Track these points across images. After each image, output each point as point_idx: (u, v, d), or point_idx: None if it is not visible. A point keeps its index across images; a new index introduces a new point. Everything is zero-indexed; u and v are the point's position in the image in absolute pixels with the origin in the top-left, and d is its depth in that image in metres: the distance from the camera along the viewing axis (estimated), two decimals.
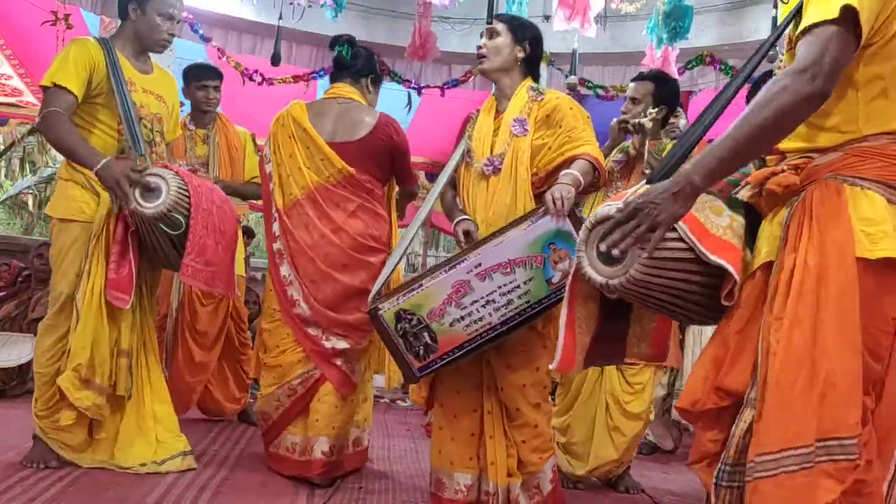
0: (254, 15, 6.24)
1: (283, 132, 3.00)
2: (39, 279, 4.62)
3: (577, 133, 2.47)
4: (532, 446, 2.47)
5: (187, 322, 3.75)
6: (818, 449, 1.37)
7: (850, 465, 1.36)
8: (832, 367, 1.39)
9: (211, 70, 3.96)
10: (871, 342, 1.43)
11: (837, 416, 1.38)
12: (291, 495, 2.67)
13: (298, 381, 2.91)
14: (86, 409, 2.68)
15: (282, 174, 2.98)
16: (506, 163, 2.50)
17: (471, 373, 2.51)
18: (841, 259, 1.43)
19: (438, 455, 2.55)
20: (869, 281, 1.43)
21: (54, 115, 2.63)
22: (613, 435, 3.12)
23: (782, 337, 1.43)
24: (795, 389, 1.40)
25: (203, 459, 3.02)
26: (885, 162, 1.47)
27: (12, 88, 6.89)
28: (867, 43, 1.47)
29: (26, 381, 4.19)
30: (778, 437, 1.39)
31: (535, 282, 2.30)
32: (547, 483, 2.49)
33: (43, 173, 10.84)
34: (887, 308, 1.45)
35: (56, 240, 2.79)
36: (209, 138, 3.85)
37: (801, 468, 1.37)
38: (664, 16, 5.04)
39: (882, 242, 1.42)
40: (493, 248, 2.33)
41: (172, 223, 2.62)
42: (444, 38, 6.21)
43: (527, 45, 2.61)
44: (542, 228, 2.30)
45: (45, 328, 2.77)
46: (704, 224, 1.58)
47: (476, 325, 2.32)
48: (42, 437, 2.72)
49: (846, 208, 1.45)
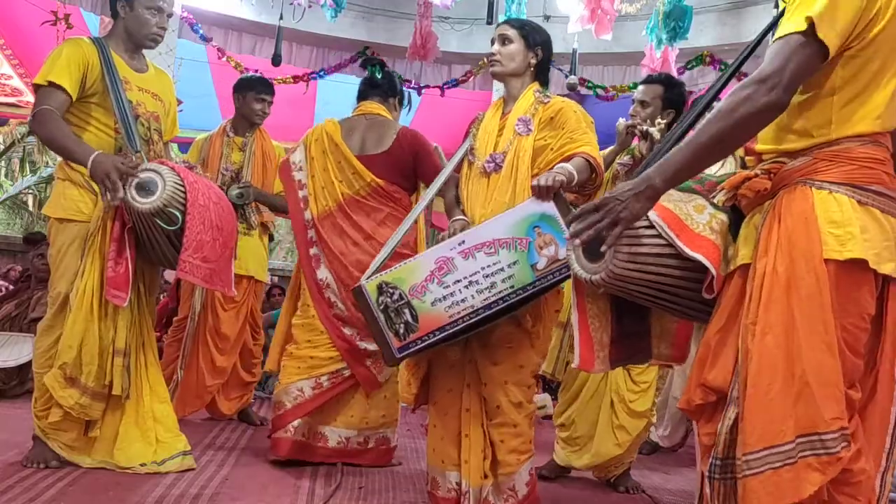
0: (254, 15, 6.25)
1: (316, 146, 3.24)
2: (39, 279, 4.63)
3: (577, 134, 2.49)
4: (510, 447, 2.43)
5: (210, 326, 3.82)
6: (800, 445, 1.44)
7: (831, 458, 1.42)
8: (806, 367, 1.45)
9: (269, 85, 4.07)
10: (850, 339, 1.49)
11: (814, 413, 1.44)
12: (292, 495, 2.68)
13: (327, 378, 3.11)
14: (69, 407, 2.67)
15: (316, 186, 3.22)
16: (507, 161, 2.50)
17: (462, 372, 2.51)
18: (809, 263, 1.48)
19: (433, 453, 2.56)
20: (841, 281, 1.48)
21: (46, 112, 2.63)
22: (617, 433, 3.13)
23: (756, 342, 1.50)
24: (772, 391, 1.47)
25: (203, 459, 3.02)
26: (853, 165, 1.52)
27: (12, 88, 6.90)
28: (846, 46, 1.51)
29: (26, 381, 4.19)
30: (758, 436, 1.46)
31: (519, 266, 2.25)
32: (523, 486, 2.45)
33: (43, 173, 10.84)
34: (861, 305, 1.50)
35: (55, 240, 2.78)
36: (246, 146, 3.95)
37: (783, 464, 1.44)
38: (664, 16, 5.04)
39: (849, 244, 1.48)
40: (478, 227, 2.33)
41: (168, 219, 2.60)
42: (444, 38, 6.22)
43: (539, 51, 2.64)
44: (527, 210, 2.28)
45: (44, 328, 2.77)
46: (685, 221, 1.65)
47: (458, 307, 2.27)
48: (42, 437, 2.72)
49: (813, 212, 1.50)
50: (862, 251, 1.47)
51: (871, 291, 1.51)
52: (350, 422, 3.16)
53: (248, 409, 4.09)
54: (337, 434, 3.15)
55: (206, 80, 6.74)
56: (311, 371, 3.11)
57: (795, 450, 1.44)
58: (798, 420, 1.44)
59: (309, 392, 3.11)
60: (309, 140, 3.28)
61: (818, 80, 1.54)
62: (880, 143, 1.55)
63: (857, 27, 1.50)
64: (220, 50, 6.20)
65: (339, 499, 2.71)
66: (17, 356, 4.16)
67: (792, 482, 1.43)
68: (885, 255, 1.49)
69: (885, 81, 1.53)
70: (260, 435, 3.76)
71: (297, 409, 3.10)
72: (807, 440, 1.44)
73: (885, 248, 1.50)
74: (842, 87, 1.53)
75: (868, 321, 1.51)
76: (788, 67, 1.48)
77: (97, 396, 2.71)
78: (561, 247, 2.19)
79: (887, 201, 1.52)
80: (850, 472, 1.46)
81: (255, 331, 4.07)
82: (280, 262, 11.54)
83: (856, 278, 1.49)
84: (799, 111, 1.56)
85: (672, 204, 1.70)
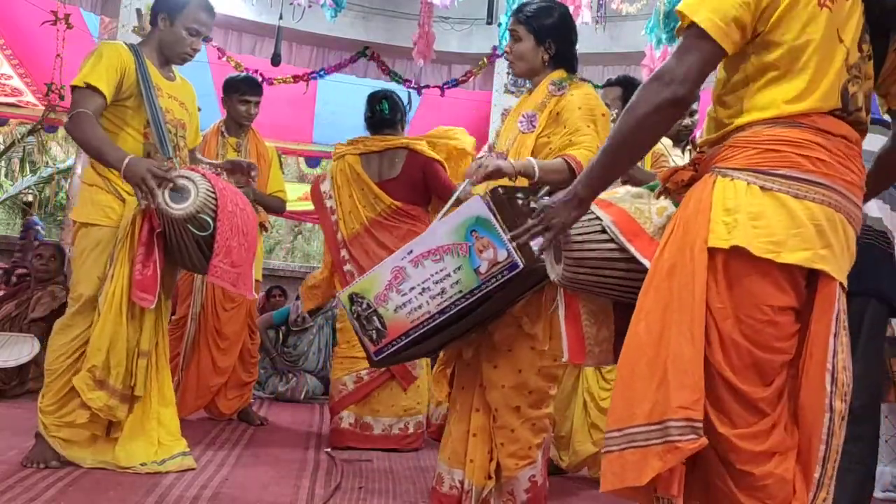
0: (254, 15, 6.24)
1: (341, 175, 3.67)
2: (39, 279, 4.63)
3: (577, 136, 2.38)
4: (508, 451, 2.41)
5: (210, 327, 3.84)
6: (653, 431, 1.43)
7: (669, 446, 1.40)
8: (668, 355, 1.44)
9: (255, 86, 4.05)
10: (749, 331, 1.43)
11: (666, 400, 1.42)
12: (292, 495, 2.68)
13: (366, 372, 3.56)
14: (98, 409, 2.71)
15: (344, 210, 3.66)
16: (508, 158, 2.49)
17: (476, 371, 2.50)
18: (691, 251, 1.46)
19: (442, 449, 2.56)
20: (732, 271, 1.44)
21: (83, 115, 2.66)
22: (592, 431, 3.17)
23: (630, 328, 1.53)
24: (634, 375, 1.49)
25: (203, 459, 3.02)
26: (756, 149, 1.47)
27: (12, 88, 6.90)
28: (755, 33, 1.49)
29: (26, 381, 4.19)
30: (615, 417, 1.51)
31: (463, 271, 2.23)
32: (521, 492, 2.42)
33: (43, 173, 10.84)
34: (758, 296, 1.43)
35: (78, 243, 2.80)
36: (240, 146, 3.97)
37: (628, 446, 1.46)
38: (664, 16, 5.03)
39: (734, 231, 1.43)
40: (423, 235, 2.34)
41: (200, 224, 2.65)
42: (444, 38, 6.22)
43: (551, 45, 2.50)
44: (462, 215, 2.25)
45: (61, 327, 2.78)
46: (643, 226, 1.69)
47: (417, 313, 2.28)
48: (45, 434, 2.72)
49: (708, 200, 1.47)
50: (744, 239, 1.42)
51: (772, 281, 1.43)
52: (392, 411, 3.62)
53: (248, 408, 4.09)
54: (381, 423, 3.62)
55: (206, 80, 6.73)
56: (352, 367, 3.60)
57: (645, 435, 1.44)
58: (655, 406, 1.44)
59: (351, 385, 3.62)
60: (334, 171, 3.71)
61: (737, 69, 1.52)
62: (800, 125, 1.46)
63: (755, 13, 1.46)
64: (220, 50, 6.20)
65: (339, 499, 2.71)
66: (17, 356, 4.14)
67: (635, 465, 1.44)
68: (791, 243, 1.42)
69: (802, 61, 1.47)
70: (260, 435, 3.76)
71: (342, 401, 3.62)
72: (658, 427, 1.42)
73: (794, 235, 1.42)
74: (756, 74, 1.50)
75: (772, 313, 1.43)
76: (684, 61, 1.47)
77: (124, 398, 2.76)
78: (499, 249, 2.14)
79: (804, 186, 1.44)
80: (754, 476, 1.42)
81: (252, 330, 4.08)
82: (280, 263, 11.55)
83: (745, 268, 1.43)
84: (723, 101, 1.56)
85: (632, 205, 1.72)
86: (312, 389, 5.31)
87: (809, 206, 1.43)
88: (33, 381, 4.23)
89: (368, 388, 3.60)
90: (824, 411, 1.44)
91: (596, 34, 5.47)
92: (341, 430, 3.60)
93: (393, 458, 3.46)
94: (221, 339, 3.87)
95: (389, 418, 3.62)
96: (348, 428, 3.60)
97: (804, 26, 1.47)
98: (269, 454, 3.31)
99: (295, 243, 18.17)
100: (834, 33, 1.48)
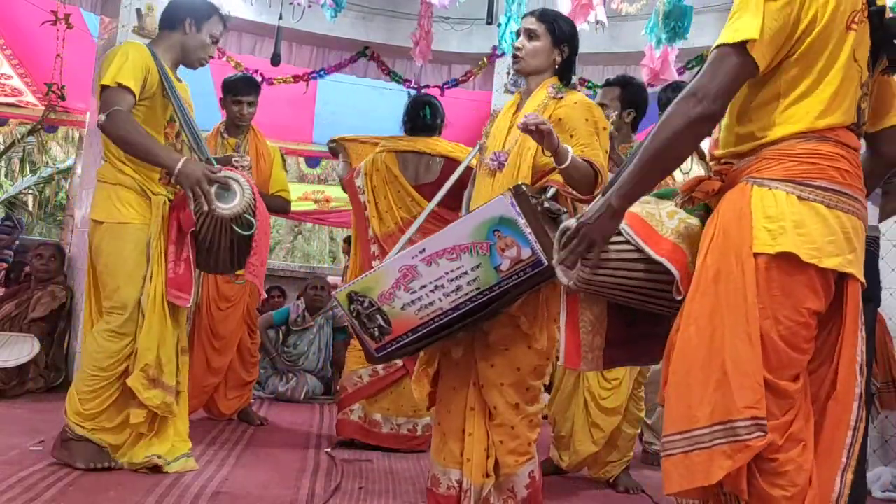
0: (254, 15, 6.23)
1: (377, 175, 3.66)
2: (39, 279, 4.63)
3: (588, 150, 2.39)
4: (508, 448, 2.43)
5: (205, 326, 3.84)
6: (716, 432, 1.49)
7: (740, 445, 1.46)
8: (726, 357, 1.50)
9: (248, 85, 4.03)
10: (785, 332, 1.52)
11: (729, 402, 1.48)
12: (292, 496, 2.68)
13: (383, 367, 3.57)
14: (156, 407, 2.75)
15: (380, 209, 3.65)
16: (510, 159, 2.48)
17: (467, 370, 2.51)
18: (738, 256, 1.53)
19: (435, 450, 2.56)
20: (774, 275, 1.52)
21: (122, 114, 2.66)
22: (592, 430, 3.18)
23: (680, 333, 1.58)
24: (690, 378, 1.54)
25: (203, 459, 3.03)
26: (793, 161, 1.56)
27: (12, 88, 6.90)
28: (789, 53, 1.57)
29: (26, 381, 4.20)
30: (674, 421, 1.55)
31: (482, 269, 2.27)
32: (522, 488, 2.44)
33: (43, 173, 10.85)
34: (796, 299, 1.52)
35: (108, 244, 2.77)
36: (240, 147, 3.96)
37: (695, 448, 1.50)
38: (664, 16, 5.03)
39: (780, 238, 1.51)
40: (438, 234, 2.35)
41: (245, 224, 2.70)
42: (444, 38, 6.21)
43: (565, 49, 2.55)
44: (485, 214, 2.27)
45: (113, 336, 2.73)
46: (655, 228, 1.74)
47: (428, 310, 2.32)
48: (90, 437, 2.72)
49: (748, 208, 1.55)
50: (793, 245, 1.50)
51: (810, 286, 1.52)
52: (401, 410, 3.64)
53: (248, 408, 4.10)
54: (390, 421, 3.64)
55: (206, 80, 6.72)
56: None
57: (710, 436, 1.49)
58: (715, 407, 1.49)
59: (366, 378, 3.64)
60: (369, 170, 3.68)
61: (766, 85, 1.60)
62: (828, 139, 1.56)
63: (794, 35, 1.55)
64: (220, 50, 6.20)
65: (339, 499, 2.71)
66: (17, 356, 4.15)
67: (703, 465, 1.48)
68: (828, 249, 1.52)
69: (829, 79, 1.57)
70: (260, 435, 3.76)
71: (356, 393, 3.64)
72: (722, 427, 1.48)
73: (829, 242, 1.52)
74: (786, 90, 1.59)
75: (807, 315, 1.53)
76: (717, 80, 1.54)
77: (176, 394, 2.83)
78: (523, 247, 2.19)
79: (835, 196, 1.54)
80: (777, 462, 1.49)
81: (252, 330, 4.08)
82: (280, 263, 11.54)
83: (789, 272, 1.51)
84: (749, 116, 1.63)
85: (643, 209, 1.78)
86: (312, 389, 5.31)
87: (839, 216, 1.55)
88: (33, 381, 4.24)
89: (384, 382, 3.63)
90: (854, 399, 1.55)
91: (596, 34, 5.46)
92: (350, 422, 3.63)
93: (393, 458, 3.47)
94: (216, 339, 3.86)
95: (399, 417, 3.64)
96: (357, 421, 3.62)
97: (834, 47, 1.57)
98: (269, 454, 3.31)
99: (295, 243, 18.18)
100: (852, 54, 1.59)
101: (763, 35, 1.52)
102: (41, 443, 2.96)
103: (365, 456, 3.43)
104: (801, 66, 1.57)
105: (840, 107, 1.58)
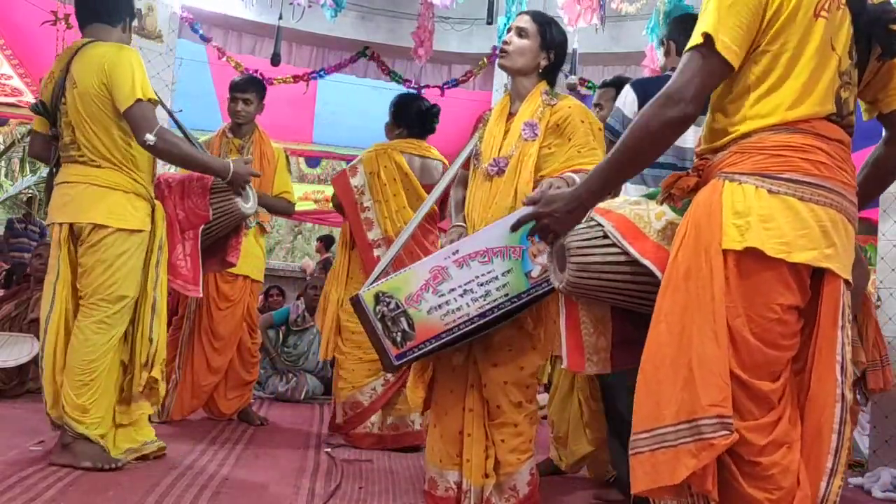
0: (254, 15, 6.24)
1: (386, 173, 3.64)
2: (39, 279, 4.62)
3: (585, 150, 2.43)
4: (510, 446, 2.44)
5: (204, 326, 3.84)
6: (681, 430, 1.46)
7: (704, 443, 1.43)
8: (692, 355, 1.48)
9: (243, 82, 4.02)
10: (758, 329, 1.48)
11: (695, 400, 1.46)
12: (292, 495, 2.68)
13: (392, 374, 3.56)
14: (157, 400, 2.91)
15: (390, 208, 3.63)
16: (510, 165, 2.48)
17: (465, 373, 2.52)
18: (707, 254, 1.51)
19: (430, 452, 2.56)
20: (743, 271, 1.49)
21: (167, 131, 2.79)
22: (587, 430, 3.18)
23: (651, 330, 1.56)
24: (658, 376, 1.52)
25: (203, 459, 3.03)
26: (763, 154, 1.53)
27: (12, 88, 6.90)
28: (755, 45, 1.55)
29: (26, 381, 4.19)
30: (641, 419, 1.53)
31: (513, 274, 2.26)
32: (524, 485, 2.46)
33: (43, 173, 10.84)
34: (768, 295, 1.49)
35: (117, 247, 2.80)
36: (244, 149, 3.95)
37: (660, 446, 1.48)
38: (664, 16, 5.03)
39: (747, 234, 1.49)
40: (472, 236, 2.34)
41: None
42: (444, 38, 6.22)
43: (552, 55, 2.56)
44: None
45: (102, 327, 2.78)
46: (642, 229, 1.75)
47: (453, 316, 2.28)
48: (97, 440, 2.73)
49: (719, 204, 1.53)
50: (758, 241, 1.47)
51: (781, 281, 1.49)
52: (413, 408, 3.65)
53: (248, 408, 4.09)
54: (405, 420, 3.67)
55: (206, 80, 6.74)
56: (380, 371, 3.56)
57: (675, 434, 1.47)
58: (682, 405, 1.47)
59: (380, 389, 3.65)
60: (376, 167, 3.64)
61: (737, 79, 1.58)
62: (801, 130, 1.53)
63: (760, 27, 1.53)
64: (220, 50, 6.20)
65: (339, 499, 2.71)
66: (17, 356, 4.15)
67: (668, 464, 1.46)
68: (799, 243, 1.48)
69: (798, 69, 1.54)
70: (260, 435, 3.76)
71: (373, 405, 3.65)
72: (687, 426, 1.45)
73: (801, 236, 1.48)
74: (756, 83, 1.56)
75: (781, 311, 1.49)
76: (693, 82, 1.53)
77: None
78: None
79: (808, 189, 1.50)
80: (761, 465, 1.46)
81: (252, 330, 4.08)
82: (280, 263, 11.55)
83: (758, 268, 1.48)
84: (723, 111, 1.61)
85: (631, 210, 1.78)
86: (312, 389, 5.31)
87: (814, 209, 1.50)
88: (33, 381, 4.24)
89: (393, 388, 3.63)
90: (836, 401, 1.50)
91: (596, 34, 5.47)
92: (370, 435, 3.62)
93: (393, 458, 3.47)
94: (216, 339, 3.86)
95: (411, 415, 3.65)
96: (377, 432, 3.63)
97: (802, 36, 1.54)
98: (269, 454, 3.31)
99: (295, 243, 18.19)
100: (828, 42, 1.56)
101: (731, 31, 1.51)
102: (41, 443, 2.96)
103: (365, 456, 3.42)
104: (769, 57, 1.55)
105: (812, 97, 1.54)
